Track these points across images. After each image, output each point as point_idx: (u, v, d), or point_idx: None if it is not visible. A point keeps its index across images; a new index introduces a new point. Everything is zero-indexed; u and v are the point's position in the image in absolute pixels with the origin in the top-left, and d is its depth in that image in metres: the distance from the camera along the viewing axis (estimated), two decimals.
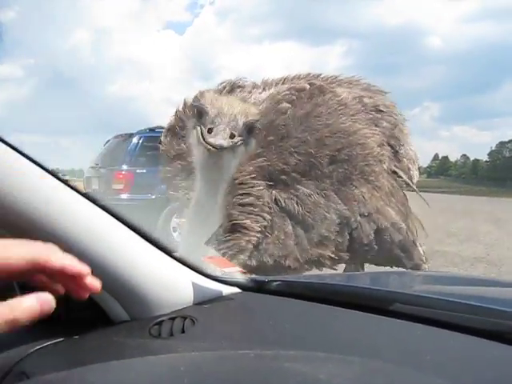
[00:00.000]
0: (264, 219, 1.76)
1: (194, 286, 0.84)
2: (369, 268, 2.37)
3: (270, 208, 1.79)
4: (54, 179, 0.69)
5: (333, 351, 0.60)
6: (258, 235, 1.75)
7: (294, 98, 1.91)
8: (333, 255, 1.93)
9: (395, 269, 2.13)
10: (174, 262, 0.85)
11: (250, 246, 1.74)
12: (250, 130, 1.57)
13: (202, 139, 1.49)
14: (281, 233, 1.80)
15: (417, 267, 2.16)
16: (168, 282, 0.82)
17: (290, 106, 1.88)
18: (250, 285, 0.93)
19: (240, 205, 1.75)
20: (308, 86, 1.97)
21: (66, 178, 0.73)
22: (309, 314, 0.81)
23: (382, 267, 2.18)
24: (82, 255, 0.70)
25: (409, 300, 0.79)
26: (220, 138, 1.45)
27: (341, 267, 2.15)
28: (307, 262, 1.89)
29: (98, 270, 0.73)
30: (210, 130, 1.49)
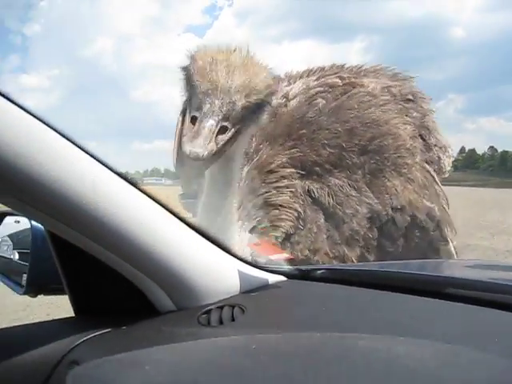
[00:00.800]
0: (296, 210, 1.72)
1: (240, 274, 0.83)
2: None
3: (302, 199, 1.75)
4: (105, 168, 0.69)
5: (395, 333, 0.58)
6: (291, 216, 1.69)
7: (329, 94, 1.87)
8: (361, 251, 1.90)
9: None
10: (220, 250, 0.83)
11: (284, 224, 1.67)
12: (253, 111, 1.35)
13: (176, 141, 1.32)
14: (313, 226, 1.75)
15: None
16: (214, 271, 0.81)
17: (323, 101, 1.84)
18: (295, 273, 0.92)
19: (273, 187, 1.68)
20: (339, 82, 1.93)
21: None
22: (359, 298, 0.79)
23: None
24: (130, 244, 0.70)
25: (461, 284, 0.77)
26: (198, 145, 1.18)
27: None
28: (336, 257, 1.86)
29: (143, 257, 0.73)
30: (193, 120, 1.25)
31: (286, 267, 0.94)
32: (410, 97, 2.09)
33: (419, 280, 0.83)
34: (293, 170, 1.73)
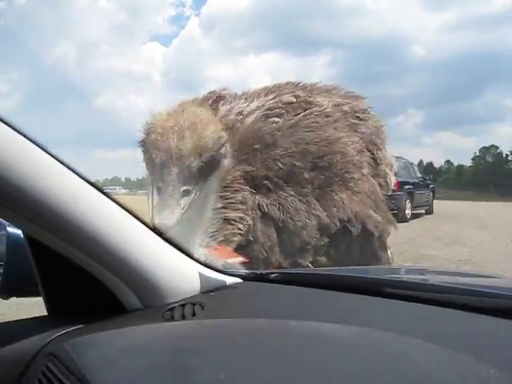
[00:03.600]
0: (248, 224, 1.79)
1: (201, 276, 0.93)
2: None
3: (253, 212, 1.82)
4: (79, 178, 0.77)
5: (333, 322, 0.69)
6: (244, 228, 1.76)
7: (283, 111, 1.96)
8: (312, 260, 2.00)
9: None
10: (182, 254, 0.93)
11: (236, 239, 1.74)
12: (210, 167, 1.47)
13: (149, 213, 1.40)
14: (266, 239, 1.83)
15: None
16: (177, 273, 0.91)
17: (278, 119, 1.93)
18: (251, 276, 1.02)
19: (227, 202, 1.75)
20: (294, 100, 2.03)
21: None
22: (306, 296, 0.90)
23: None
24: (98, 245, 0.79)
25: (397, 284, 0.89)
26: (165, 216, 1.32)
27: None
28: (289, 267, 1.94)
29: (114, 260, 0.82)
30: (158, 190, 1.39)
31: (243, 271, 1.04)
32: (360, 114, 2.25)
33: (360, 281, 0.95)
34: (245, 185, 1.80)
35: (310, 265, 2.02)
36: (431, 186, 14.24)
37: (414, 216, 11.60)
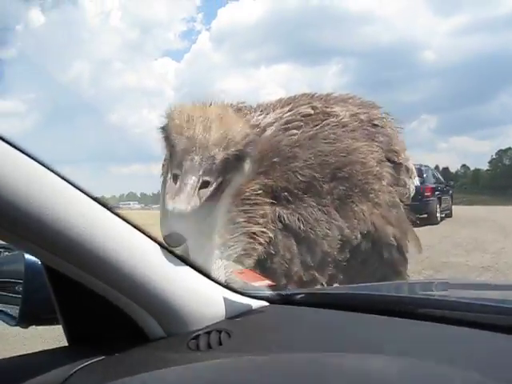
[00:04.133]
0: (269, 237, 1.76)
1: (225, 300, 0.88)
2: None
3: (274, 225, 1.78)
4: (94, 203, 0.74)
5: (368, 351, 0.64)
6: (265, 241, 1.73)
7: (302, 124, 1.93)
8: (331, 273, 1.96)
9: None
10: (204, 278, 0.89)
11: (257, 252, 1.71)
12: (234, 163, 1.36)
13: (162, 200, 1.33)
14: (286, 251, 1.80)
15: None
16: (200, 297, 0.87)
17: (297, 131, 1.90)
18: (277, 298, 0.97)
19: (247, 216, 1.72)
20: (312, 111, 2.00)
21: None
22: (337, 320, 0.86)
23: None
24: (116, 272, 0.75)
25: (434, 304, 0.84)
26: (182, 201, 1.20)
27: None
28: (309, 280, 1.90)
29: (133, 286, 0.78)
30: (175, 178, 1.27)
31: (268, 292, 0.99)
32: (377, 122, 2.19)
33: (393, 301, 0.90)
34: (265, 197, 1.77)
35: (329, 279, 1.97)
36: (450, 191, 15.05)
37: (420, 224, 11.39)
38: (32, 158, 0.68)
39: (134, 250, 0.79)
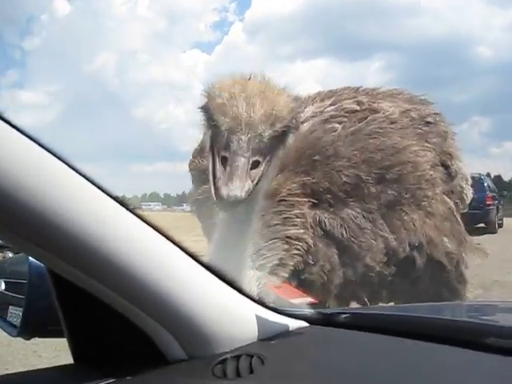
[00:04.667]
0: (307, 243, 1.60)
1: (258, 319, 0.76)
2: None
3: (313, 230, 1.63)
4: (110, 199, 0.63)
5: None
6: (302, 250, 1.57)
7: (345, 119, 1.78)
8: (375, 289, 1.81)
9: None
10: (235, 292, 0.76)
11: (294, 261, 1.56)
12: (280, 138, 1.29)
13: (212, 190, 1.21)
14: (326, 262, 1.64)
15: None
16: (229, 316, 0.74)
17: (339, 126, 1.75)
18: (317, 317, 0.84)
19: (282, 218, 1.57)
20: (358, 107, 1.84)
21: None
22: (385, 346, 0.73)
23: None
24: (137, 284, 0.64)
25: (501, 332, 0.69)
26: (235, 187, 1.13)
27: None
28: (349, 296, 1.75)
29: (152, 300, 0.66)
30: (223, 160, 1.21)
31: (307, 311, 0.86)
32: (430, 119, 1.99)
33: (449, 327, 0.76)
34: (303, 198, 1.62)
35: (372, 296, 1.81)
36: (501, 201, 15.38)
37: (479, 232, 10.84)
38: (47, 151, 0.57)
39: (154, 256, 0.67)
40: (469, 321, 0.84)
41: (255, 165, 1.20)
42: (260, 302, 0.79)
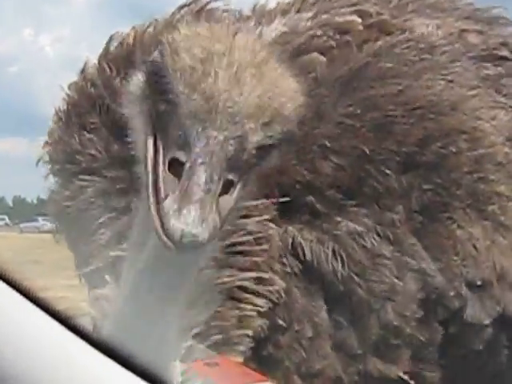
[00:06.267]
0: (274, 291, 1.00)
1: None
2: None
3: (283, 263, 1.02)
4: None
5: None
6: (264, 305, 0.99)
7: (333, 44, 1.08)
8: (406, 371, 1.02)
9: None
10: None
11: (251, 329, 0.98)
12: (270, 150, 0.74)
13: (155, 222, 0.64)
14: (306, 324, 1.01)
15: None
16: None
17: (323, 58, 1.08)
18: None
19: (232, 251, 1.00)
20: (359, 21, 1.12)
21: None
22: None
23: None
24: None
25: None
26: (195, 220, 0.61)
27: None
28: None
29: None
30: (174, 165, 0.67)
31: None
32: (505, 53, 1.22)
33: None
34: (266, 215, 1.00)
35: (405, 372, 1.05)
36: None
37: None
38: None
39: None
40: None
41: (227, 186, 0.68)
42: None
